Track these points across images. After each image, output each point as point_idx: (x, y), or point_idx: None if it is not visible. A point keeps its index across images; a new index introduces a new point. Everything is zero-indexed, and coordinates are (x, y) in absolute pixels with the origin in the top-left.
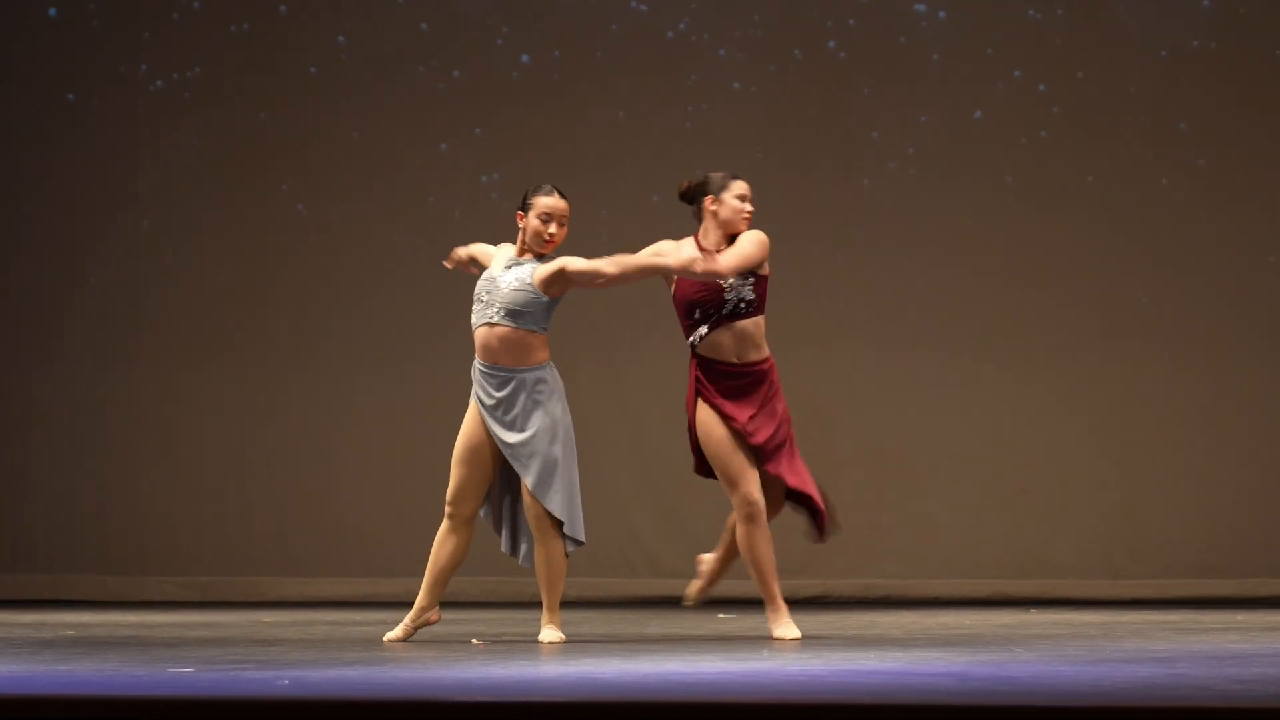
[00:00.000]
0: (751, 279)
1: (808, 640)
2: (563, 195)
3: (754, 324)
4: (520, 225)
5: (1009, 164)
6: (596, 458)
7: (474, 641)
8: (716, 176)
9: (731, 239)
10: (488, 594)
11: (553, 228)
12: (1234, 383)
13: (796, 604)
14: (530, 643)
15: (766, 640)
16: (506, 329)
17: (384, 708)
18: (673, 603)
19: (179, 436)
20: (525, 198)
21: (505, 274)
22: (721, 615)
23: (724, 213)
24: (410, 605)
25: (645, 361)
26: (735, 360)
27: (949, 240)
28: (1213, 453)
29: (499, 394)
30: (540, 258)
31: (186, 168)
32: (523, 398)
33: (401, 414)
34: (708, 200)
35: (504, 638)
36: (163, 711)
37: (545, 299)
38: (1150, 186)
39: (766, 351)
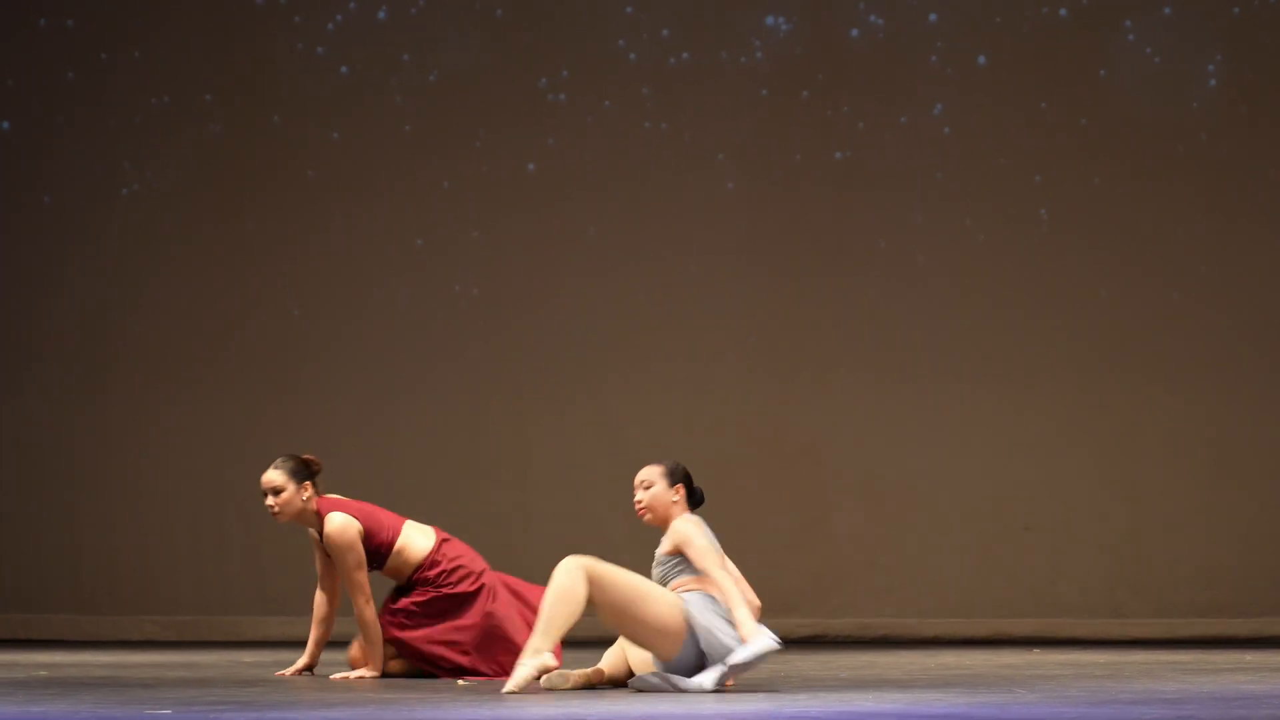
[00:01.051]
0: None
1: (804, 680)
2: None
3: None
4: None
5: (1013, 194)
6: (582, 496)
7: (460, 682)
8: None
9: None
10: None
11: (638, 495)
12: (1241, 416)
13: (792, 643)
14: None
15: (764, 679)
16: None
17: None
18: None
19: (154, 471)
20: None
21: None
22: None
23: None
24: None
25: (635, 395)
26: None
27: (947, 270)
28: (1219, 487)
29: None
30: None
31: (162, 195)
32: None
33: (381, 449)
34: None
35: (489, 678)
36: None
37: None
38: (1156, 216)
39: None
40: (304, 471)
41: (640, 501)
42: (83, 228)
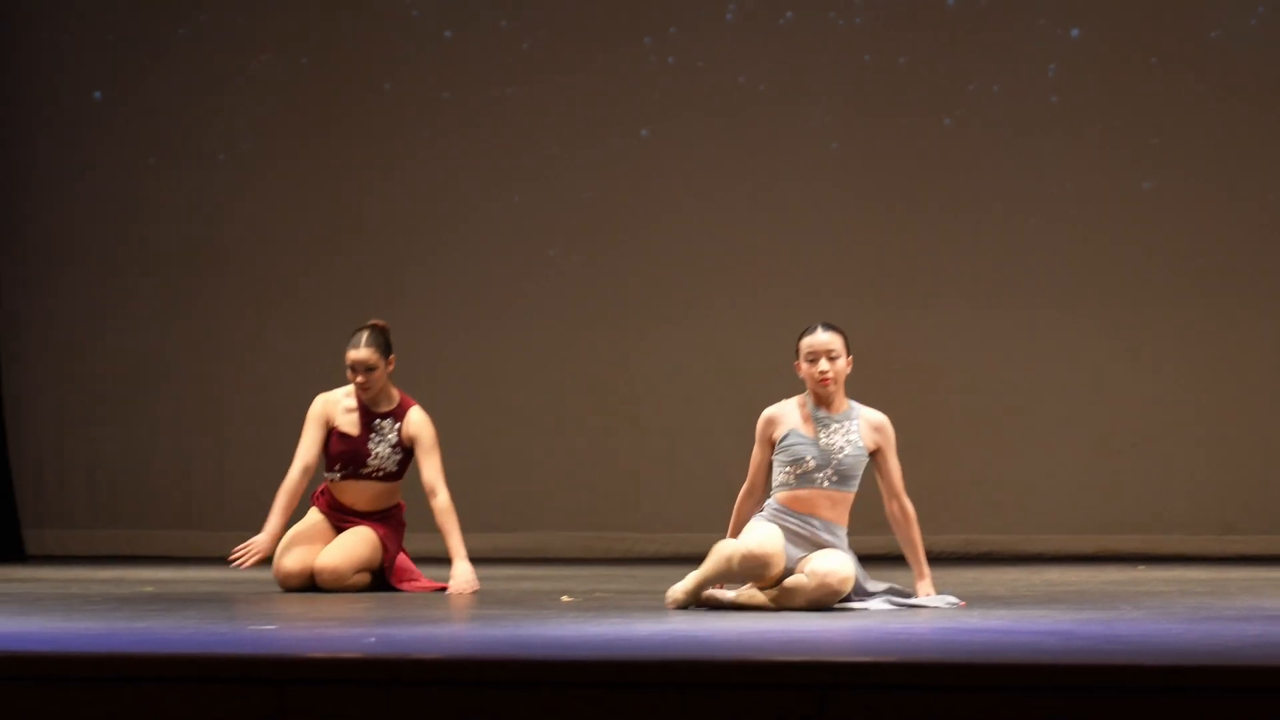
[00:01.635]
0: (400, 454)
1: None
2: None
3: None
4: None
5: (1116, 117)
6: (692, 412)
7: (564, 598)
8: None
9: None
10: (580, 550)
11: (823, 364)
12: None
13: (896, 561)
14: (621, 596)
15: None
16: (835, 493)
17: (472, 665)
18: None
19: (257, 386)
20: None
21: (832, 436)
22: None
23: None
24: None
25: (743, 316)
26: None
27: (1051, 192)
28: None
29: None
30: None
31: (262, 111)
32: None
33: (487, 365)
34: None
35: (595, 594)
36: (246, 669)
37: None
38: (1258, 138)
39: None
40: (389, 346)
41: (828, 373)
42: (187, 149)
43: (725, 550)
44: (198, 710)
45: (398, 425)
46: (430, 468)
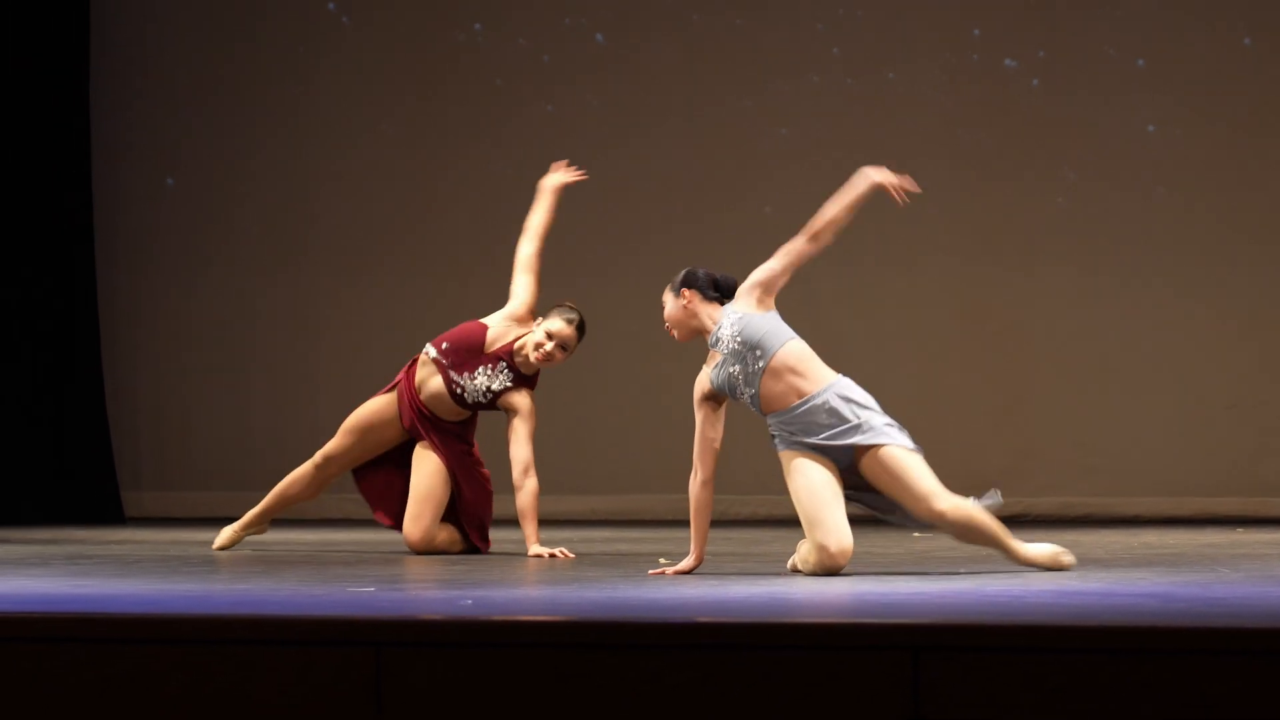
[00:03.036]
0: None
1: (1006, 560)
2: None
3: None
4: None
5: (1210, 79)
6: None
7: (661, 561)
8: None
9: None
10: (676, 513)
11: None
12: None
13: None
14: (717, 559)
15: (964, 559)
16: (772, 387)
17: (569, 628)
18: (866, 521)
19: (354, 348)
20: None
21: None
22: (916, 535)
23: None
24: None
25: (839, 272)
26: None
27: (1150, 154)
28: None
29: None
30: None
31: (353, 76)
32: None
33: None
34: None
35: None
36: (342, 631)
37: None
38: None
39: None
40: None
41: (671, 330)
42: (279, 114)
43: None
44: (295, 673)
45: (509, 384)
46: (522, 441)
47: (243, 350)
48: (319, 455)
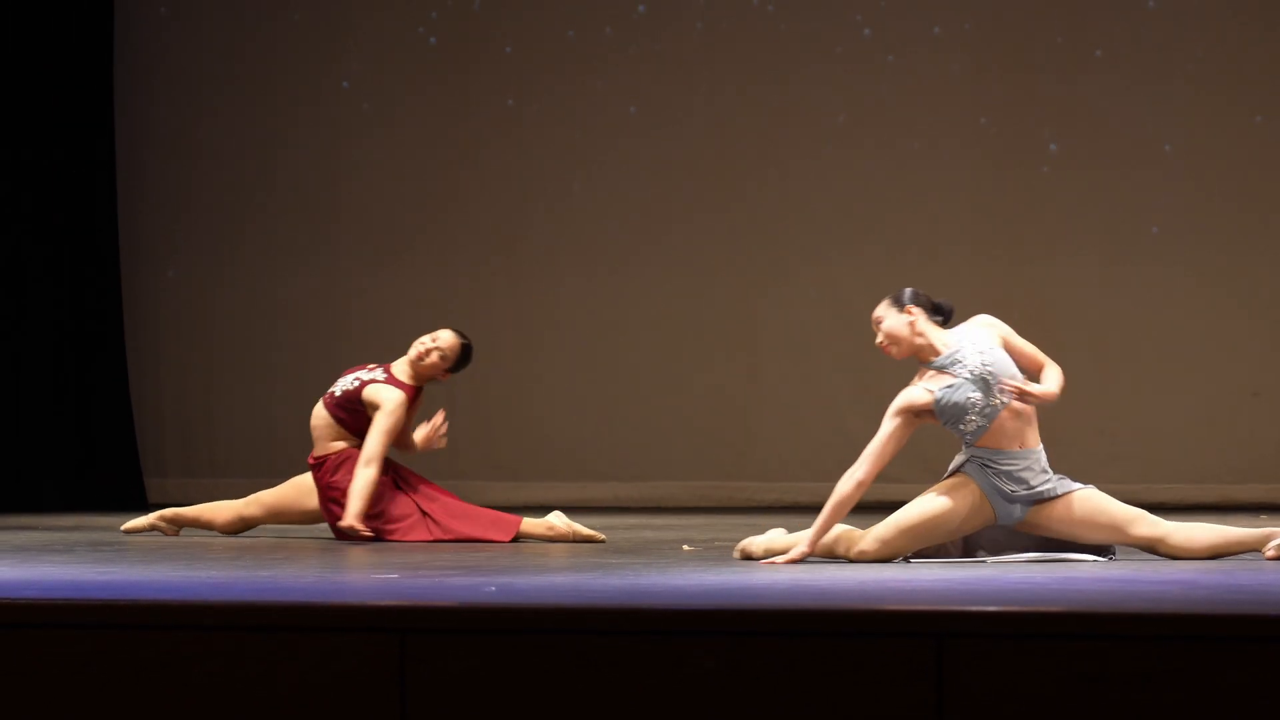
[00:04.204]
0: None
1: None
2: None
3: None
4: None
5: (1236, 68)
6: (811, 363)
7: (685, 547)
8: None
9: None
10: (699, 499)
11: (878, 337)
12: None
13: None
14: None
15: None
16: (1005, 425)
17: (593, 614)
18: (889, 507)
19: (378, 335)
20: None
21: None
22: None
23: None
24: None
25: (861, 262)
26: None
27: (1174, 142)
28: None
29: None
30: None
31: (383, 60)
32: None
33: (607, 315)
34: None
35: (716, 544)
36: (368, 618)
37: None
38: None
39: None
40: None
41: (882, 343)
42: (307, 99)
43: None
44: (320, 659)
45: (379, 379)
46: (374, 434)
47: (267, 338)
48: (251, 499)
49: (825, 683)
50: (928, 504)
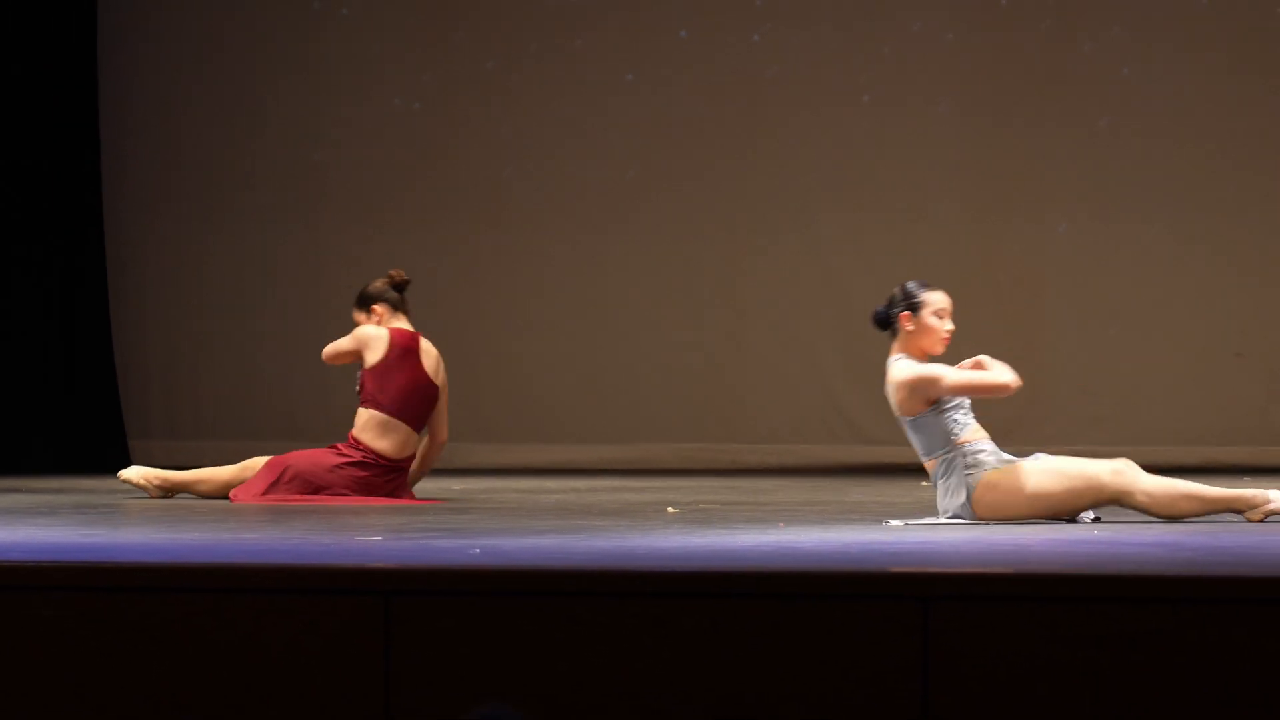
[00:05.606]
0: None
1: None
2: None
3: None
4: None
5: (1222, 30)
6: (797, 325)
7: (670, 510)
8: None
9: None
10: (684, 462)
11: (949, 324)
12: None
13: None
14: (725, 508)
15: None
16: None
17: (578, 576)
18: (875, 470)
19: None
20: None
21: None
22: (924, 484)
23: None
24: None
25: (848, 224)
26: None
27: (1155, 102)
28: None
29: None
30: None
31: (365, 25)
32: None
33: (592, 278)
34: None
35: (699, 505)
36: (352, 580)
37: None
38: None
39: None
40: None
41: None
42: (291, 63)
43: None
44: (304, 622)
45: None
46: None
47: (251, 300)
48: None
49: (810, 645)
50: (1054, 475)
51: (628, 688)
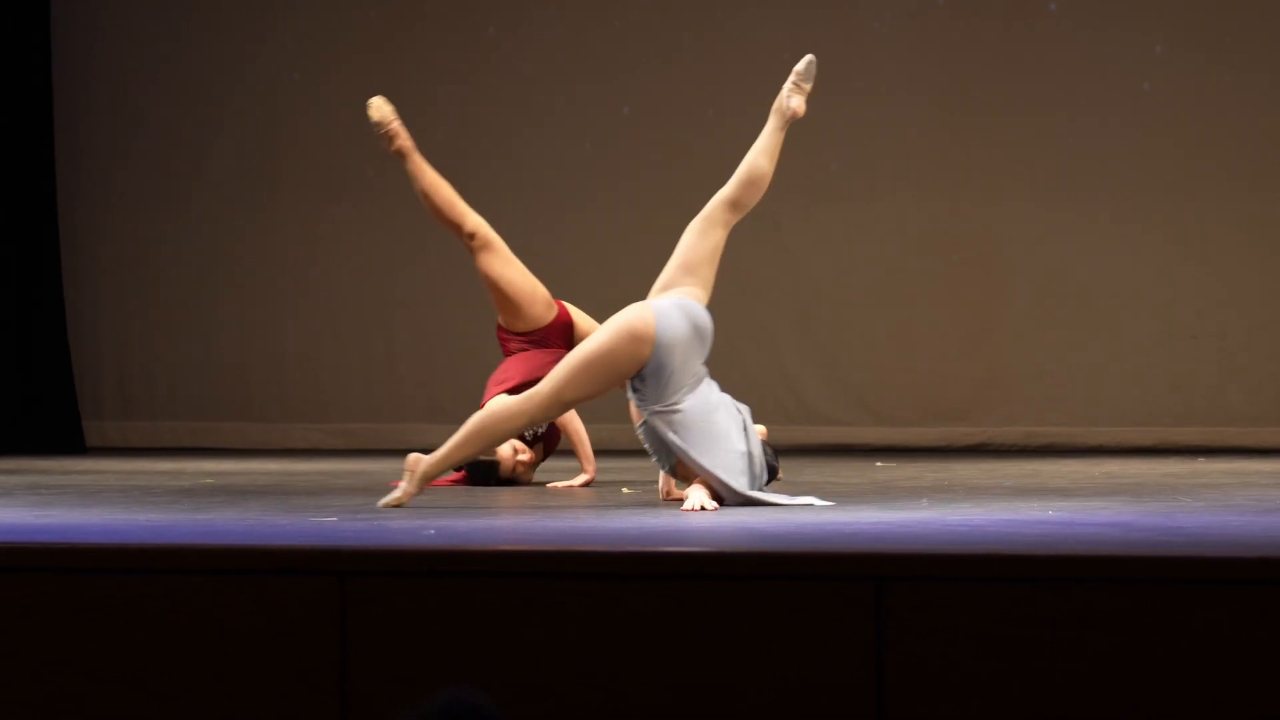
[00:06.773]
0: None
1: (970, 489)
2: None
3: None
4: None
5: (1183, 15)
6: (751, 303)
7: (625, 490)
8: None
9: None
10: (638, 442)
11: None
12: None
13: (957, 452)
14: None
15: (928, 487)
16: None
17: (532, 557)
18: (829, 451)
19: (320, 279)
20: None
21: None
22: (879, 464)
23: None
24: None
25: (804, 205)
26: None
27: (1111, 87)
28: None
29: None
30: None
31: (326, 12)
32: None
33: (550, 259)
34: None
35: (655, 486)
36: (306, 561)
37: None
38: None
39: None
40: None
41: None
42: (248, 49)
43: None
44: (259, 602)
45: None
46: None
47: (207, 280)
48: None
49: (765, 626)
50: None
51: (584, 667)
